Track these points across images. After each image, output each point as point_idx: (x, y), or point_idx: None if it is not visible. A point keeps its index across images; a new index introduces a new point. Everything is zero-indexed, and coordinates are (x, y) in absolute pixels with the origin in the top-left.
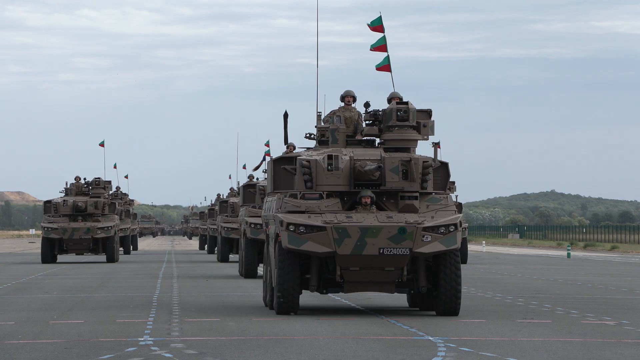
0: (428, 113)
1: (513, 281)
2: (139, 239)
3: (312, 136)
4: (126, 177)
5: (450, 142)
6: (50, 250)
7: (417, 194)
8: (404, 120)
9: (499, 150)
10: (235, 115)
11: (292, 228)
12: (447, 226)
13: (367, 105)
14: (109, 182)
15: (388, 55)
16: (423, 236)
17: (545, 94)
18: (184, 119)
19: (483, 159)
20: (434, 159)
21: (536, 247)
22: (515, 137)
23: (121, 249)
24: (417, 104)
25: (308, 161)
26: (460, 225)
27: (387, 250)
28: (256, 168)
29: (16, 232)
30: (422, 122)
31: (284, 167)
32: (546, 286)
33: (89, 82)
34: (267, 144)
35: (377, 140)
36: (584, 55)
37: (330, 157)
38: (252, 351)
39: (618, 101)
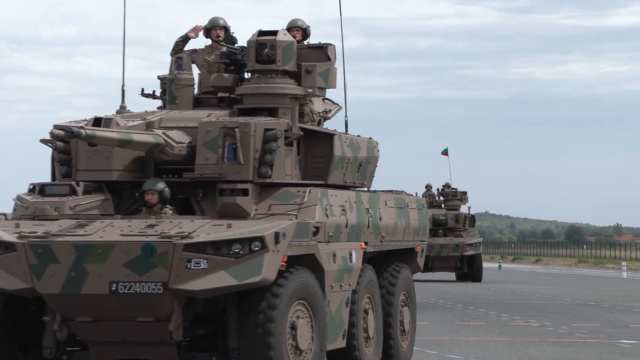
0: (324, 50)
1: (452, 289)
2: None
3: (155, 94)
4: None
5: (401, 171)
6: None
7: (249, 186)
8: (268, 62)
9: (441, 177)
10: None
11: None
12: (244, 242)
13: (228, 39)
14: None
15: None
16: (189, 261)
17: (476, 129)
18: None
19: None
20: (291, 125)
21: None
22: (454, 164)
23: None
24: (372, 136)
25: (63, 130)
26: (278, 241)
27: (124, 286)
28: None
29: None
30: (305, 65)
31: (42, 140)
32: (481, 293)
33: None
34: None
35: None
36: (506, 96)
37: (98, 121)
38: None
39: (537, 135)
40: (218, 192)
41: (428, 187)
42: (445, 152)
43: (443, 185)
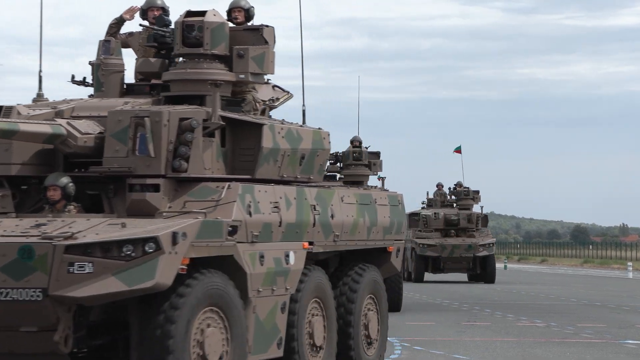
0: (260, 33)
1: (458, 289)
2: None
3: (86, 81)
4: None
5: (405, 172)
6: None
7: (160, 181)
8: (197, 46)
9: (445, 177)
10: None
11: None
12: (137, 243)
13: (160, 20)
14: None
15: None
16: (71, 264)
17: (478, 130)
18: None
19: (433, 185)
20: (212, 113)
21: None
22: (458, 165)
23: None
24: (373, 139)
25: None
26: (176, 242)
27: (0, 293)
28: None
29: None
30: (238, 49)
31: None
32: (486, 293)
33: None
34: None
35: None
36: (508, 97)
37: None
38: None
39: (542, 135)
40: (128, 188)
41: (439, 186)
42: (458, 150)
43: (455, 184)
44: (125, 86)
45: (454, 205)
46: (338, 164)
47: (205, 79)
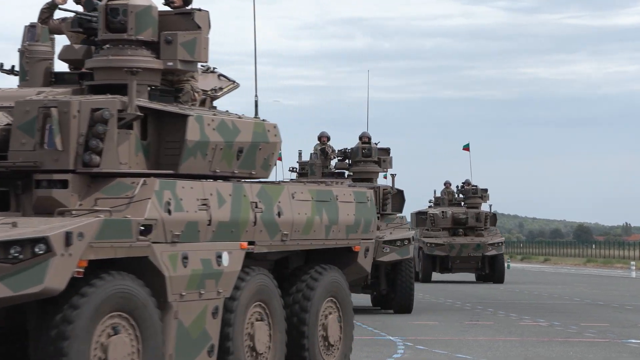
0: (191, 17)
1: (461, 289)
2: None
3: (15, 69)
4: None
5: (407, 171)
6: None
7: (68, 176)
8: (122, 31)
9: (447, 176)
10: None
11: None
12: (25, 244)
13: (88, 4)
14: None
15: None
16: None
17: (479, 130)
18: None
19: (438, 185)
20: (129, 104)
21: None
22: (461, 165)
23: None
24: (374, 138)
25: None
26: (69, 243)
27: None
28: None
29: None
30: (165, 35)
31: None
32: (489, 293)
33: None
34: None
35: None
36: (511, 97)
37: None
38: None
39: (546, 135)
40: (35, 184)
41: (447, 184)
42: (466, 148)
43: (463, 182)
44: (54, 75)
45: (462, 203)
46: (347, 161)
47: (129, 67)
